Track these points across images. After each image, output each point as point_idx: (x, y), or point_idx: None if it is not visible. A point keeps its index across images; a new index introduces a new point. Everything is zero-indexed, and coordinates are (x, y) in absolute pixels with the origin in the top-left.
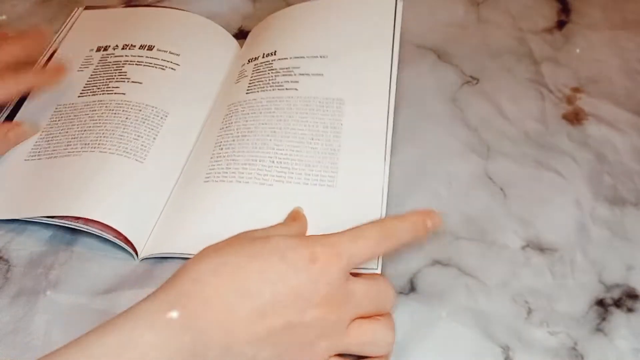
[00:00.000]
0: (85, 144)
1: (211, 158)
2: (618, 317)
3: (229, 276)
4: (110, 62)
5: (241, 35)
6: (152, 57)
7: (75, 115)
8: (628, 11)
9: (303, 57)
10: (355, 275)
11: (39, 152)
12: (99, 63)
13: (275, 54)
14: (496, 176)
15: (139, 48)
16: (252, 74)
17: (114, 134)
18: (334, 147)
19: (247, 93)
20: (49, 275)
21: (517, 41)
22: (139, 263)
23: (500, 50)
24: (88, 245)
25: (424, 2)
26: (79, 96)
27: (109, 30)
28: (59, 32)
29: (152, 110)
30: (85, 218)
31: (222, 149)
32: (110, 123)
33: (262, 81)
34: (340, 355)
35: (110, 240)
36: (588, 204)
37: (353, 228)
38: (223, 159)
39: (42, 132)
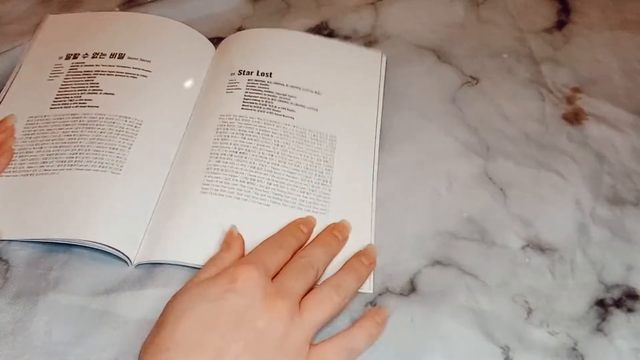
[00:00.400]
0: (62, 162)
1: (207, 169)
2: (618, 317)
3: (171, 345)
4: (81, 72)
5: None
6: (123, 66)
7: (49, 129)
8: (628, 11)
9: (299, 88)
10: None
11: (14, 168)
12: (69, 72)
13: (271, 76)
14: (496, 176)
15: (110, 57)
16: (247, 89)
17: (89, 149)
18: (326, 178)
19: (242, 108)
20: (49, 275)
21: (517, 41)
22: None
23: (500, 50)
24: (87, 247)
25: (424, 2)
26: (51, 107)
27: (77, 36)
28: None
29: (126, 120)
30: None
31: (219, 161)
32: (85, 138)
33: (258, 100)
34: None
35: None
36: (588, 204)
37: (253, 249)
38: (221, 173)
39: (15, 146)
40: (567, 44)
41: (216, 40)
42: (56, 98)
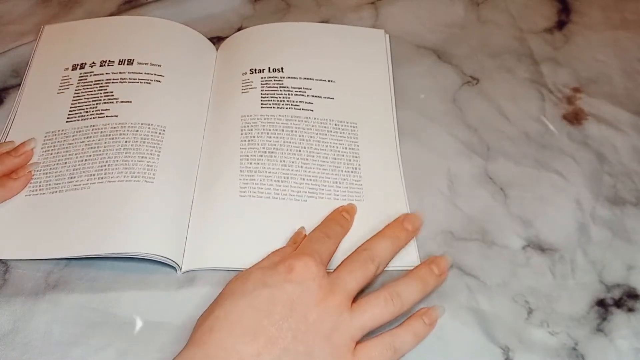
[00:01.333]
0: (91, 175)
1: (241, 172)
2: (618, 317)
3: (224, 325)
4: (91, 82)
5: None
6: (135, 72)
7: (69, 144)
8: (628, 11)
9: (312, 79)
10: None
11: (39, 186)
12: (79, 83)
13: (283, 71)
14: (496, 176)
15: (119, 63)
16: (262, 87)
17: (117, 160)
18: (354, 166)
19: (262, 107)
20: (49, 276)
21: (517, 41)
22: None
23: (500, 50)
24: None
25: (424, 2)
26: (67, 121)
27: (79, 45)
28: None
29: (149, 128)
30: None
31: (250, 163)
32: (111, 149)
33: (275, 97)
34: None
35: None
36: (588, 204)
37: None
38: (255, 174)
39: (37, 163)
40: (567, 44)
41: (216, 40)
42: (71, 111)
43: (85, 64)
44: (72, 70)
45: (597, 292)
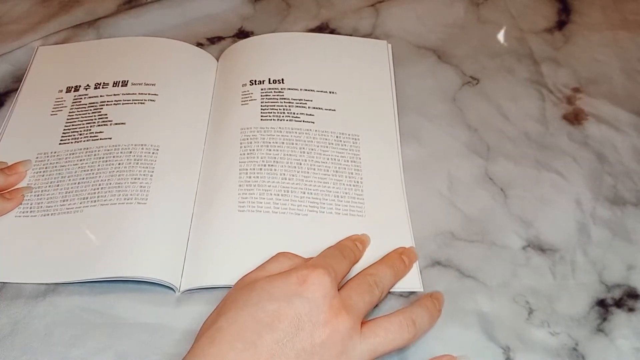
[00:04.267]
0: (84, 198)
1: (240, 186)
2: (619, 317)
3: (226, 338)
4: (85, 104)
5: (241, 35)
6: (128, 93)
7: (62, 166)
8: (628, 11)
9: (313, 91)
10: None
11: (30, 207)
12: (73, 105)
13: (283, 82)
14: (496, 176)
15: (113, 85)
16: (262, 99)
17: (110, 183)
18: (356, 179)
19: (262, 119)
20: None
21: (517, 41)
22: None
23: (500, 50)
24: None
25: (424, 3)
26: (60, 143)
27: (74, 68)
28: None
29: (142, 148)
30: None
31: (249, 177)
32: (104, 172)
33: (275, 109)
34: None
35: None
36: (588, 204)
37: (319, 254)
38: (254, 188)
39: (28, 184)
40: (567, 44)
41: (216, 40)
42: (64, 133)
43: (80, 86)
44: (67, 92)
45: (598, 292)
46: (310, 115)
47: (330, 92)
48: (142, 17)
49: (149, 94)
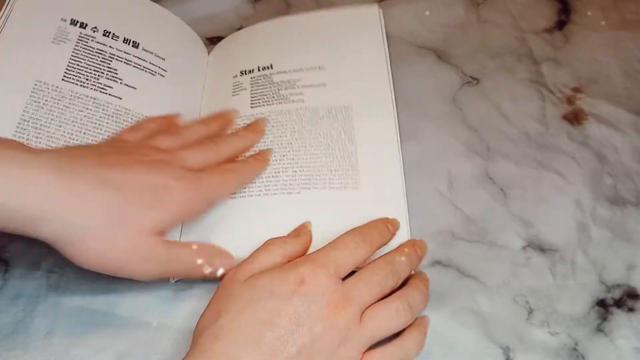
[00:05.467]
0: None
1: None
2: (619, 317)
3: (229, 334)
4: (93, 49)
5: None
6: (140, 58)
7: (65, 106)
8: (628, 11)
9: (302, 70)
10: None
11: (27, 138)
12: (78, 42)
13: (272, 67)
14: (496, 176)
15: (123, 41)
16: (252, 87)
17: None
18: (350, 151)
19: (251, 107)
20: (49, 277)
21: (517, 41)
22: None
23: (500, 50)
24: None
25: (424, 3)
26: (62, 79)
27: (82, 2)
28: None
29: None
30: None
31: None
32: (113, 131)
33: (265, 95)
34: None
35: None
36: (588, 204)
37: (331, 240)
38: None
39: (24, 112)
40: (567, 44)
41: (216, 40)
42: (68, 70)
43: (87, 24)
44: (71, 24)
45: (598, 292)
46: (299, 94)
47: (319, 68)
48: None
49: (159, 67)
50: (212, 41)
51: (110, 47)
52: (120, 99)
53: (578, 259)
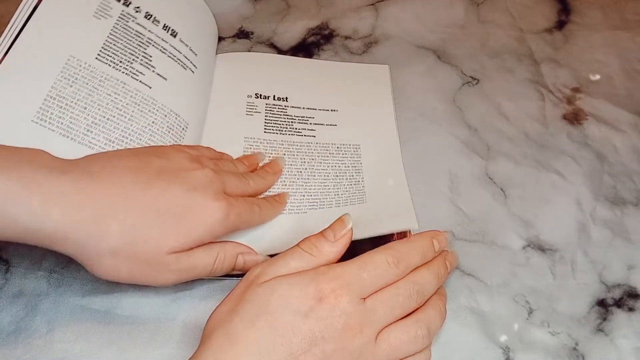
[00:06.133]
0: (110, 140)
1: None
2: (619, 316)
3: (244, 341)
4: (132, 30)
5: (241, 35)
6: (176, 49)
7: (94, 87)
8: (628, 11)
9: (315, 109)
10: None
11: (50, 118)
12: (119, 20)
13: (287, 100)
14: (496, 176)
15: (163, 28)
16: (266, 112)
17: (141, 138)
18: (357, 179)
19: (265, 132)
20: (50, 276)
21: (517, 41)
22: None
23: (500, 50)
24: None
25: (424, 3)
26: (96, 58)
27: None
28: None
29: (176, 119)
30: None
31: None
32: (136, 121)
33: (279, 124)
34: None
35: None
36: (588, 204)
37: (362, 255)
38: None
39: (52, 88)
40: (567, 44)
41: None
42: (104, 49)
43: (130, 3)
44: (117, 1)
45: (598, 292)
46: (311, 130)
47: (332, 110)
48: None
49: (191, 62)
50: None
51: (149, 31)
52: (150, 87)
53: (578, 259)
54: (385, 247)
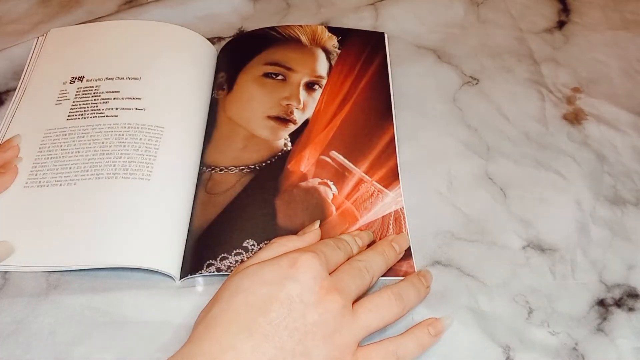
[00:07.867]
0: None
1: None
2: (619, 316)
3: (221, 322)
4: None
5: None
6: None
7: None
8: (628, 11)
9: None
10: None
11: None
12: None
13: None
14: (496, 176)
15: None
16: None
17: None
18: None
19: (68, 119)
20: (50, 276)
21: (517, 41)
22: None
23: (500, 50)
24: None
25: (424, 3)
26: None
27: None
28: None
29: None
30: None
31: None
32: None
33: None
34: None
35: None
36: (588, 204)
37: (318, 242)
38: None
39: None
40: (567, 44)
41: (216, 40)
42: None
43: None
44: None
45: (598, 292)
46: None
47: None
48: (142, 17)
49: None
50: (212, 41)
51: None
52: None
53: (578, 259)
54: (331, 238)
